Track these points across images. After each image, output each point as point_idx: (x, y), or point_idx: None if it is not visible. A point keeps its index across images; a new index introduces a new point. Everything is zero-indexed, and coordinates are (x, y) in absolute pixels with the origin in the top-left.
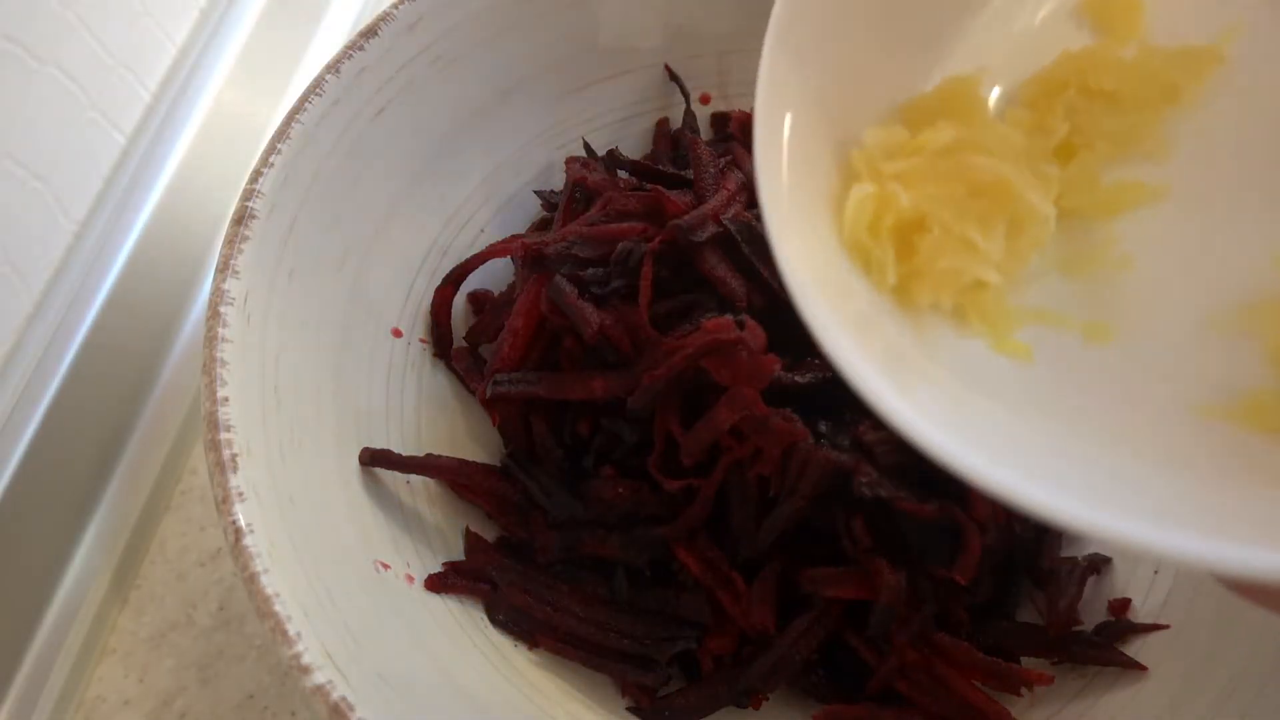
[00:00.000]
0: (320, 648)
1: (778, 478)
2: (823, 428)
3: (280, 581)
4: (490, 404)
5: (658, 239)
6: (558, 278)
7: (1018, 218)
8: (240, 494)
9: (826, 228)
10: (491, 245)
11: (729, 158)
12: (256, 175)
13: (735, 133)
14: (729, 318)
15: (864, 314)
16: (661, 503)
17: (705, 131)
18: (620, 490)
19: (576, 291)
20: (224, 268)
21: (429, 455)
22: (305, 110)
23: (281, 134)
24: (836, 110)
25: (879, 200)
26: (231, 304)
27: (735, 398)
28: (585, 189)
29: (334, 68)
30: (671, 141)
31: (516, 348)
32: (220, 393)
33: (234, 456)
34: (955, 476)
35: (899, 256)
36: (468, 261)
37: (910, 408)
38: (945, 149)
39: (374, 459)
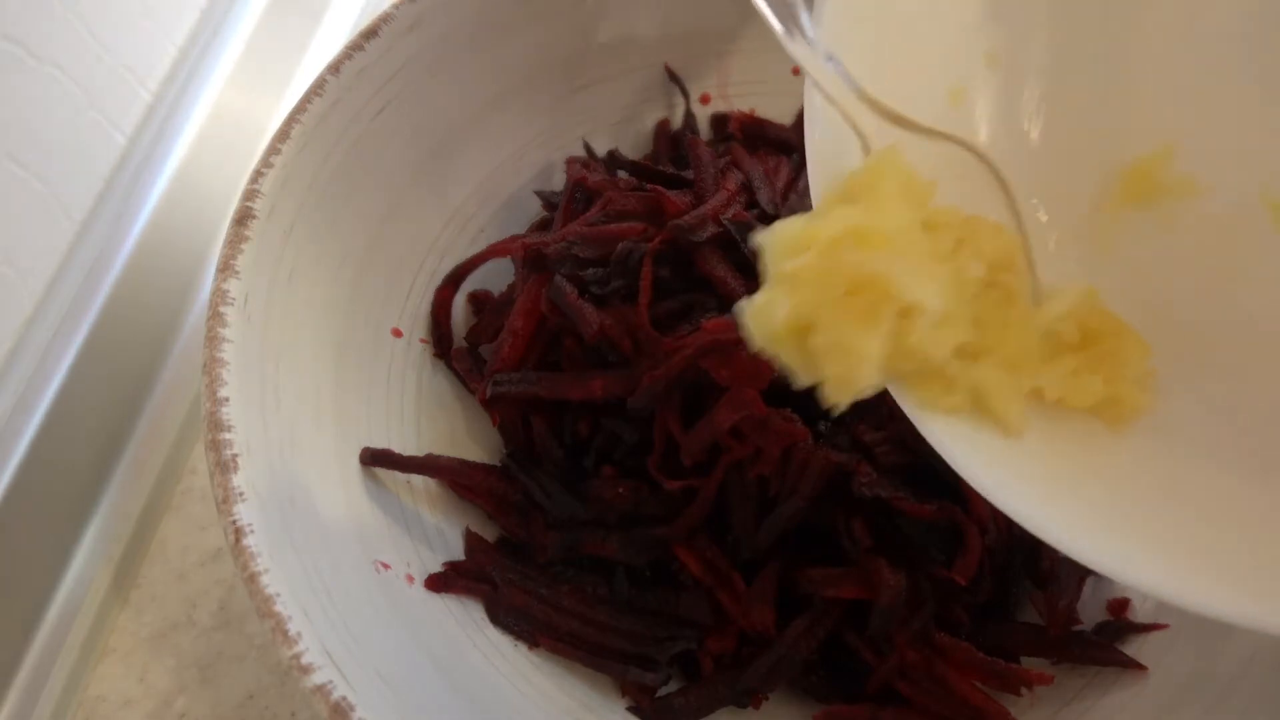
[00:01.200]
0: (320, 647)
1: (777, 478)
2: (822, 428)
3: (280, 581)
4: (490, 404)
5: (657, 239)
6: (558, 278)
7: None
8: (240, 494)
9: None
10: (491, 245)
11: (729, 158)
12: (257, 175)
13: (735, 133)
14: (729, 318)
15: None
16: (661, 503)
17: (705, 131)
18: (620, 490)
19: (577, 292)
20: (224, 268)
21: (429, 455)
22: (305, 111)
23: (282, 134)
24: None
25: (765, 307)
26: (232, 304)
27: (735, 398)
28: (585, 189)
29: (334, 68)
30: (671, 141)
31: (516, 348)
32: (220, 393)
33: (234, 456)
34: (955, 477)
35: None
36: (468, 261)
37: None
38: (834, 241)
39: (374, 459)
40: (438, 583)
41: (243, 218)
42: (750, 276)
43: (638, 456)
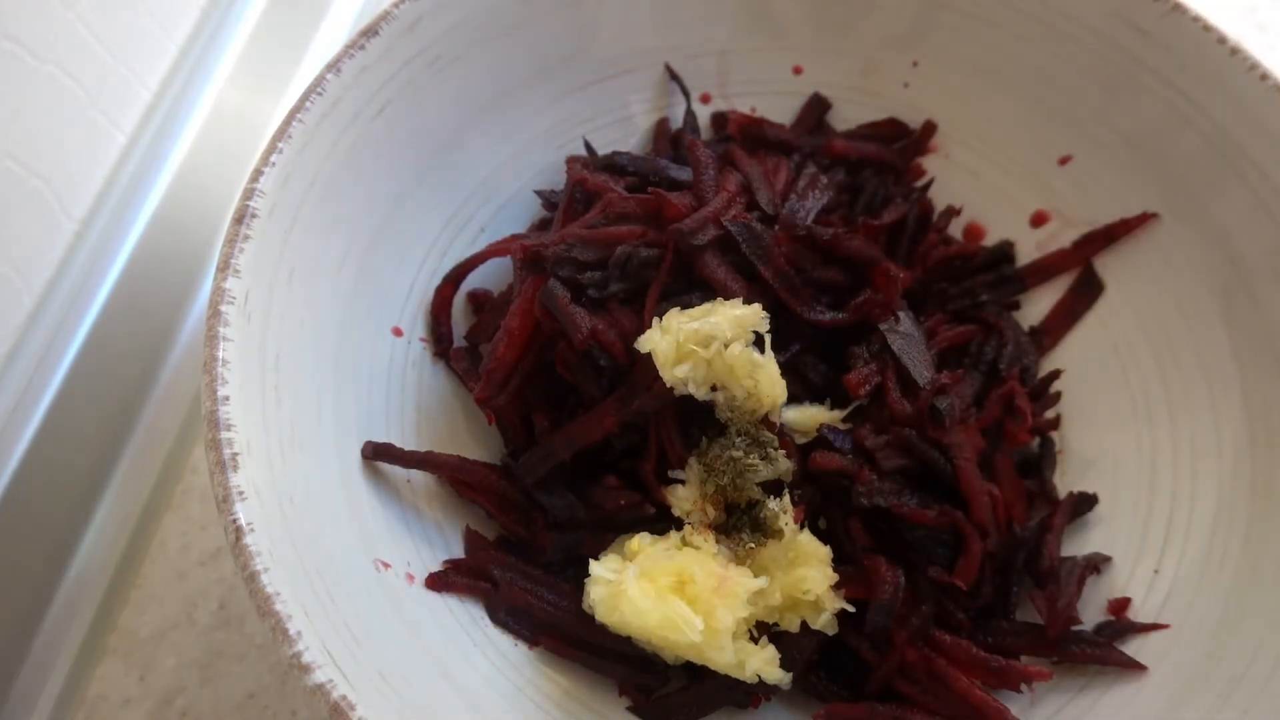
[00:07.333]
0: (320, 646)
1: None
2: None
3: (280, 580)
4: (485, 404)
5: (669, 256)
6: (551, 281)
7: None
8: (241, 493)
9: None
10: (491, 245)
11: (728, 159)
12: (257, 174)
13: (734, 133)
14: None
15: None
16: (663, 509)
17: (706, 131)
18: (623, 503)
19: (569, 296)
20: (225, 267)
21: (430, 451)
22: (306, 109)
23: (282, 133)
24: None
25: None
26: (232, 303)
27: None
28: (585, 189)
29: (335, 67)
30: (671, 141)
31: (511, 348)
32: (221, 391)
33: (234, 456)
34: (957, 481)
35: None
36: (468, 261)
37: None
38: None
39: (376, 453)
40: (438, 582)
41: (243, 217)
42: (750, 278)
43: (633, 458)
